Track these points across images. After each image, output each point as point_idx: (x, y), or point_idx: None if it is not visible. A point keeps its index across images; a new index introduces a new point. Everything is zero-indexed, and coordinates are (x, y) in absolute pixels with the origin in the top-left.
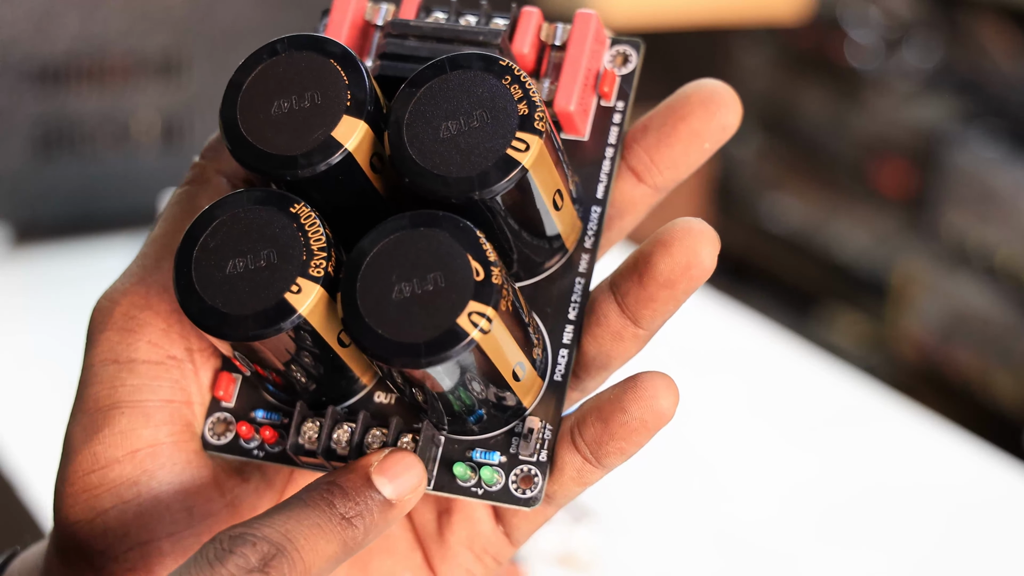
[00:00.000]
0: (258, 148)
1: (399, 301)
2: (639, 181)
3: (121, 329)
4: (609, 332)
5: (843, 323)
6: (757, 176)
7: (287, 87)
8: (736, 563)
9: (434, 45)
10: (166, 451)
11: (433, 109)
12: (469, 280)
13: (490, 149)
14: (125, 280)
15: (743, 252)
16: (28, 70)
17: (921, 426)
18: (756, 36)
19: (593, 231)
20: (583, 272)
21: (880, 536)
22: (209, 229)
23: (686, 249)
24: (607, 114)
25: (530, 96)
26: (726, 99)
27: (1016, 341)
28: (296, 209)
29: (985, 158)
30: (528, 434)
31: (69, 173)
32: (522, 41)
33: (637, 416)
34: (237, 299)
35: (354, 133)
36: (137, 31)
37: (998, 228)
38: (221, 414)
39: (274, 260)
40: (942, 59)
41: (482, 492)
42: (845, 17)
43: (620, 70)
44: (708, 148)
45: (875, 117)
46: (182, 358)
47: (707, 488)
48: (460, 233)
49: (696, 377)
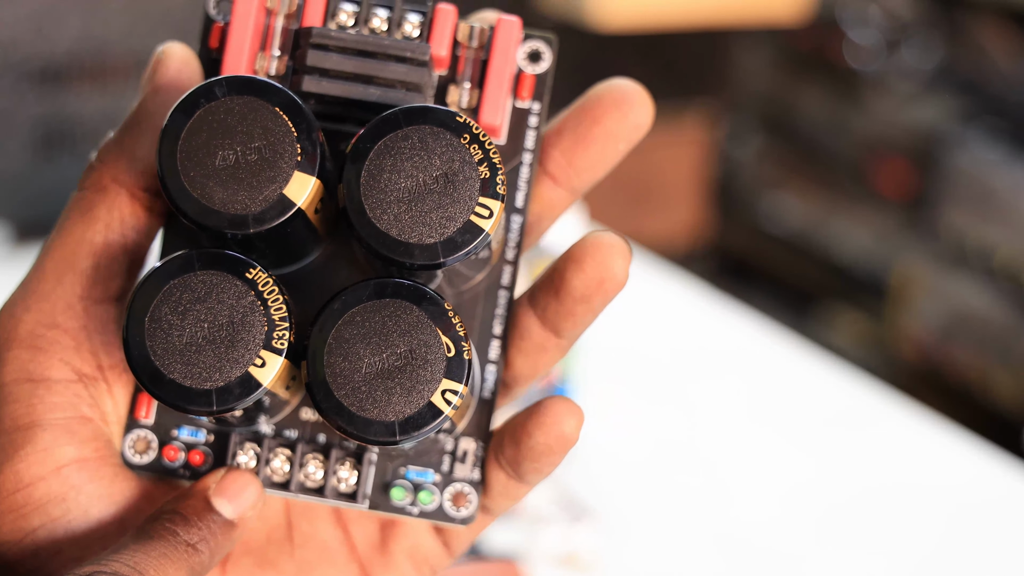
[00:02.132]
0: (203, 204)
1: (370, 376)
2: (556, 184)
3: (30, 347)
4: (533, 345)
5: (843, 323)
6: (757, 176)
7: (230, 135)
8: (737, 563)
9: (359, 60)
10: (91, 466)
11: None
12: (440, 357)
13: (452, 216)
14: (25, 295)
15: (743, 252)
16: (29, 70)
17: (921, 426)
18: (756, 36)
19: (515, 242)
20: (506, 285)
21: (880, 536)
22: (160, 293)
23: (598, 264)
24: (523, 116)
25: (491, 158)
26: (637, 99)
27: (1016, 341)
28: (253, 275)
29: (985, 158)
30: (464, 456)
31: (69, 173)
32: (439, 42)
33: (542, 441)
34: (198, 372)
35: (306, 190)
36: (138, 32)
37: (998, 228)
38: (141, 431)
39: (234, 330)
40: (942, 59)
41: (418, 511)
42: (845, 17)
43: (534, 68)
44: (623, 148)
45: (875, 117)
46: (95, 376)
47: (708, 488)
48: (429, 305)
49: (696, 377)
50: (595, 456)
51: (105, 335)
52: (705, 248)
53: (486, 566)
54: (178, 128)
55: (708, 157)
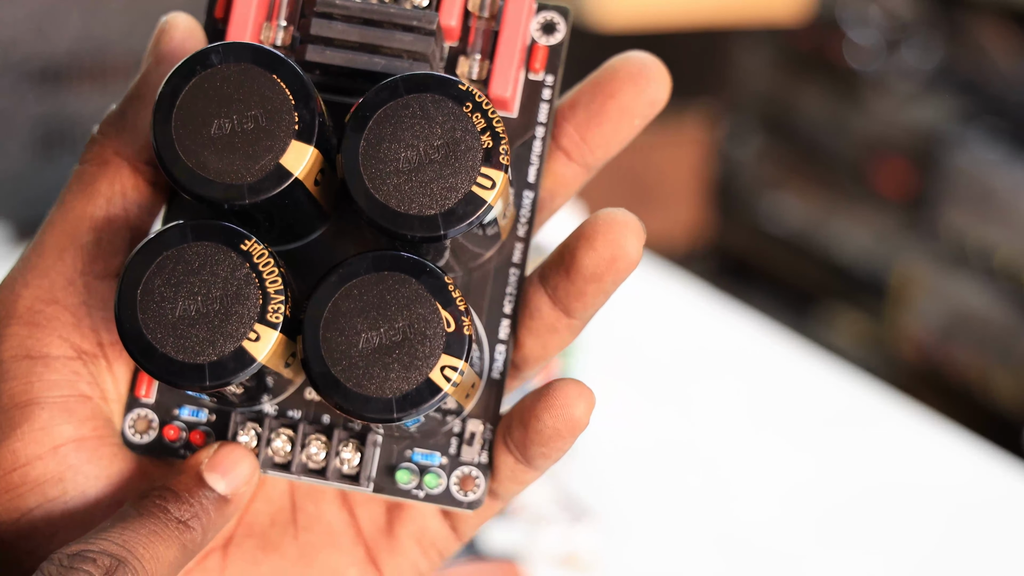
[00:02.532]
0: (199, 174)
1: (367, 351)
2: (569, 160)
3: (28, 323)
4: (543, 325)
5: (843, 323)
6: (757, 176)
7: (226, 104)
8: (737, 563)
9: (364, 28)
10: (90, 445)
11: (390, 137)
12: (440, 332)
13: (454, 185)
14: (25, 271)
15: (743, 252)
16: (29, 70)
17: (921, 426)
18: (756, 36)
19: (526, 219)
20: (517, 263)
21: (880, 536)
22: (153, 265)
23: (610, 242)
24: (536, 89)
25: (494, 127)
26: (654, 73)
27: (1016, 341)
28: (248, 247)
29: (985, 158)
30: (471, 438)
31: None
32: (449, 12)
33: (550, 424)
34: (190, 346)
35: (304, 159)
36: (138, 32)
37: (998, 228)
38: (141, 411)
39: (228, 303)
40: (942, 59)
41: (424, 495)
42: (845, 17)
43: (548, 40)
44: (638, 124)
45: (875, 117)
46: (95, 352)
47: (708, 488)
48: (428, 279)
49: (696, 377)
50: (595, 456)
51: (106, 311)
52: (705, 248)
53: (486, 566)
54: (173, 96)
55: (708, 157)
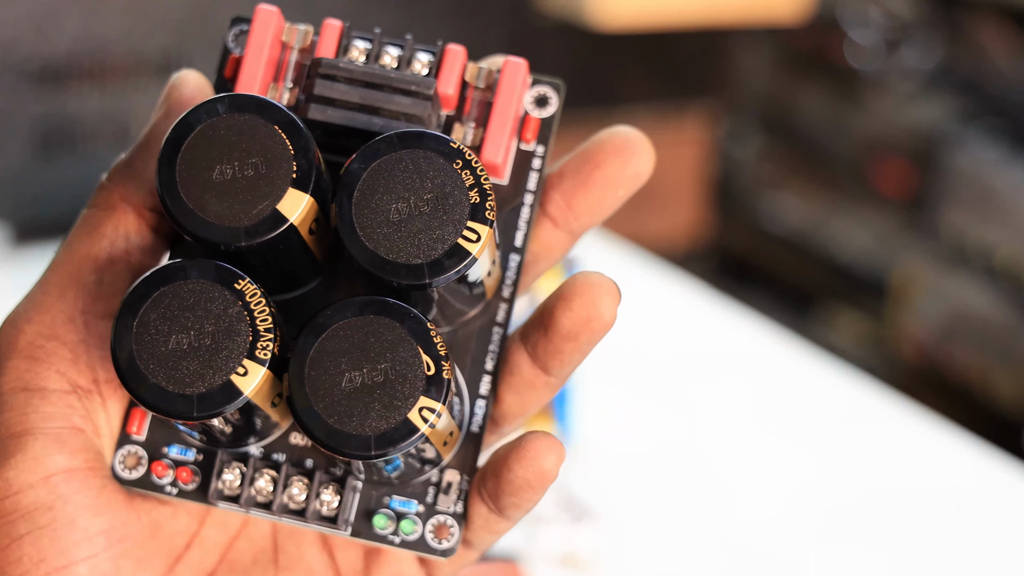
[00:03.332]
0: (198, 215)
1: (349, 390)
2: (555, 227)
3: (28, 357)
4: (523, 381)
5: (843, 323)
6: (757, 176)
7: (229, 151)
8: (737, 563)
9: (365, 90)
10: (80, 476)
11: (382, 188)
12: (420, 374)
13: (440, 237)
14: (28, 307)
15: (743, 252)
16: (28, 70)
17: (921, 426)
18: (756, 36)
19: (511, 280)
20: (500, 322)
21: (880, 536)
22: (149, 300)
23: (586, 304)
24: (527, 158)
25: (481, 184)
26: (638, 147)
27: (1016, 341)
28: (241, 286)
29: (985, 158)
30: (448, 488)
31: (69, 173)
32: (447, 81)
33: (520, 475)
34: (180, 377)
35: (300, 206)
36: (137, 32)
37: (998, 228)
38: (132, 447)
39: (219, 339)
40: (942, 59)
41: (399, 540)
42: (845, 17)
43: (540, 112)
44: (622, 195)
45: (875, 117)
46: (90, 388)
47: (708, 488)
48: (411, 323)
49: (696, 377)
50: (595, 456)
51: (104, 350)
52: (705, 248)
53: (486, 566)
54: (179, 141)
55: (708, 157)
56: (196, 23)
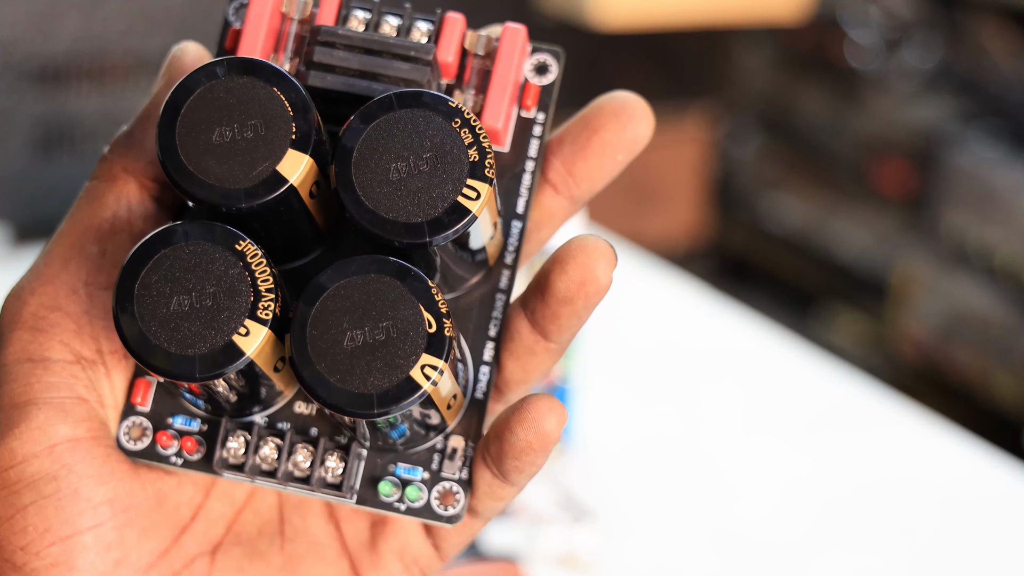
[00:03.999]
0: (199, 177)
1: (351, 349)
2: (556, 193)
3: (32, 328)
4: (523, 347)
5: (843, 323)
6: (757, 176)
7: (228, 114)
8: (737, 563)
9: (364, 56)
10: (84, 445)
11: (381, 148)
12: (422, 332)
13: (440, 195)
14: (32, 278)
15: (743, 252)
16: (28, 70)
17: (921, 426)
18: (756, 36)
19: (514, 247)
20: (503, 288)
21: (881, 536)
22: (150, 263)
23: (580, 266)
24: (527, 125)
25: (480, 142)
26: (637, 111)
27: (1016, 341)
28: (242, 247)
29: (985, 158)
30: (452, 454)
31: (69, 173)
32: (447, 49)
33: (523, 437)
34: (182, 339)
35: (299, 168)
36: (137, 31)
37: (998, 228)
38: (137, 418)
39: (220, 300)
40: (942, 59)
41: (405, 508)
42: (845, 17)
43: (540, 80)
44: (621, 160)
45: (875, 117)
46: (93, 359)
47: (708, 488)
48: (413, 282)
49: (696, 377)
50: (595, 456)
51: (107, 320)
52: (705, 248)
53: (486, 566)
54: (178, 104)
55: (708, 157)
56: (196, 23)
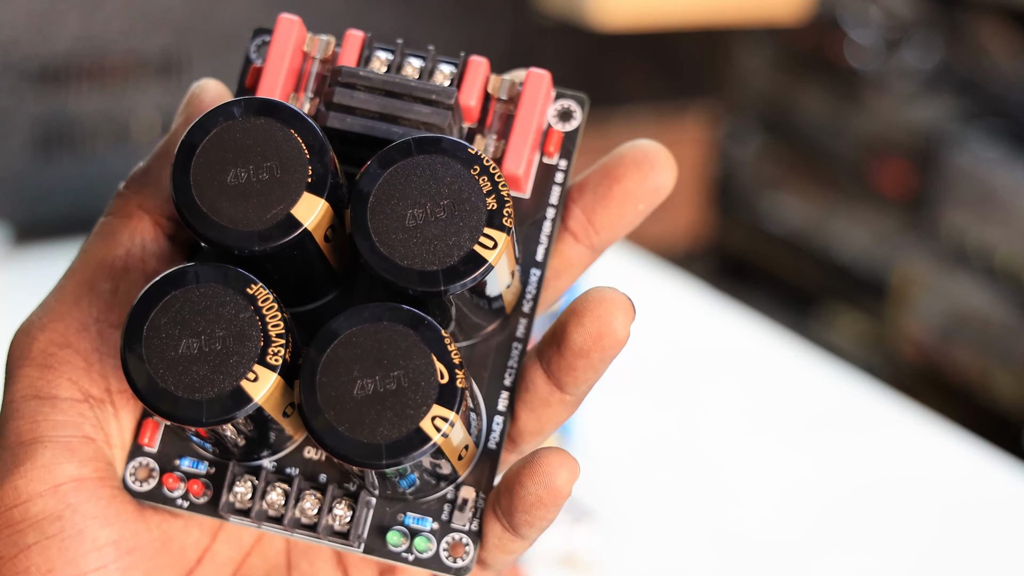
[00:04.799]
0: (211, 218)
1: (361, 398)
2: (576, 241)
3: (41, 365)
4: (538, 398)
5: (843, 323)
6: (757, 176)
7: (244, 155)
8: (737, 563)
9: (384, 99)
10: (90, 486)
11: (398, 194)
12: (433, 383)
13: (457, 244)
14: (43, 314)
15: (743, 252)
16: (28, 70)
17: (921, 426)
18: (756, 36)
19: (532, 295)
20: (520, 337)
21: (880, 536)
22: (160, 304)
23: (597, 319)
24: (549, 172)
25: (499, 190)
26: (659, 160)
27: (1016, 341)
28: (253, 290)
29: (985, 158)
30: (463, 504)
31: (69, 173)
32: (469, 93)
33: (533, 492)
34: (190, 383)
35: (315, 211)
36: (137, 31)
37: (998, 228)
38: (144, 459)
39: (230, 344)
40: (942, 59)
41: (413, 558)
42: (845, 17)
43: (564, 126)
44: (642, 209)
45: (875, 117)
46: (102, 398)
47: (708, 488)
48: (425, 331)
49: (696, 377)
50: (595, 456)
51: (117, 359)
52: (705, 248)
53: None
54: (194, 144)
55: (708, 157)
56: (196, 23)
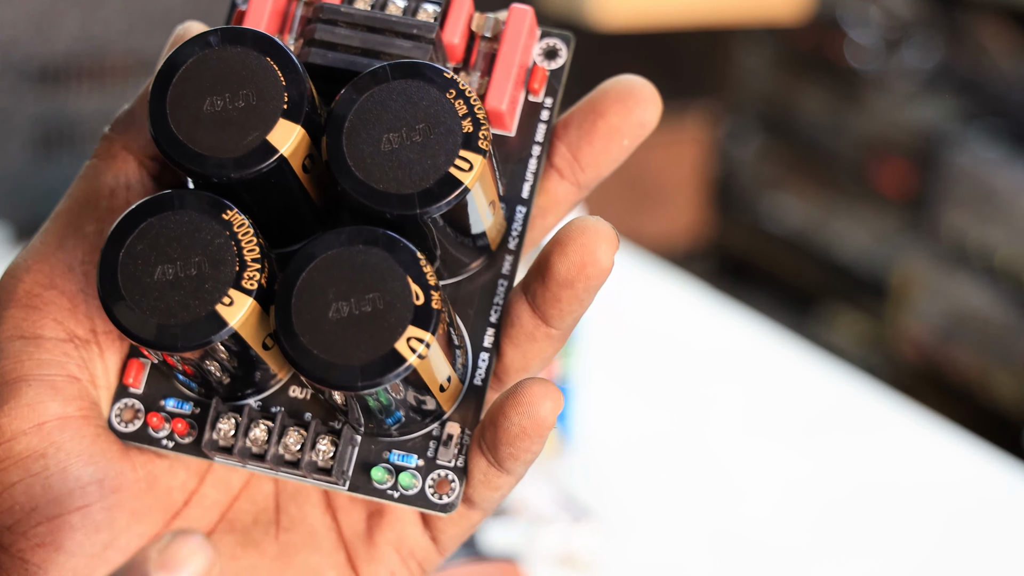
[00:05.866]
0: (188, 147)
1: (336, 321)
2: (561, 178)
3: (25, 306)
4: (523, 333)
5: (843, 323)
6: (757, 176)
7: (220, 83)
8: (737, 563)
9: (366, 34)
10: (74, 424)
11: (374, 119)
12: (409, 304)
13: (432, 166)
14: (27, 257)
15: (743, 252)
16: (28, 70)
17: (921, 426)
18: (756, 36)
19: (517, 232)
20: (505, 274)
21: (880, 536)
22: (136, 231)
23: (580, 248)
24: (535, 110)
25: (475, 113)
26: (643, 95)
27: (1016, 341)
28: (229, 216)
29: (985, 158)
30: (448, 440)
31: (69, 173)
32: (453, 30)
33: (516, 422)
34: (166, 308)
35: (290, 138)
36: (137, 31)
37: (998, 228)
38: (129, 400)
39: (206, 269)
40: (942, 59)
41: (398, 495)
42: (845, 17)
43: (549, 64)
44: (628, 145)
45: (875, 117)
46: (87, 339)
47: (708, 488)
48: (401, 254)
49: (696, 377)
50: (595, 456)
51: None
52: (705, 248)
53: (486, 566)
54: (170, 74)
55: (708, 157)
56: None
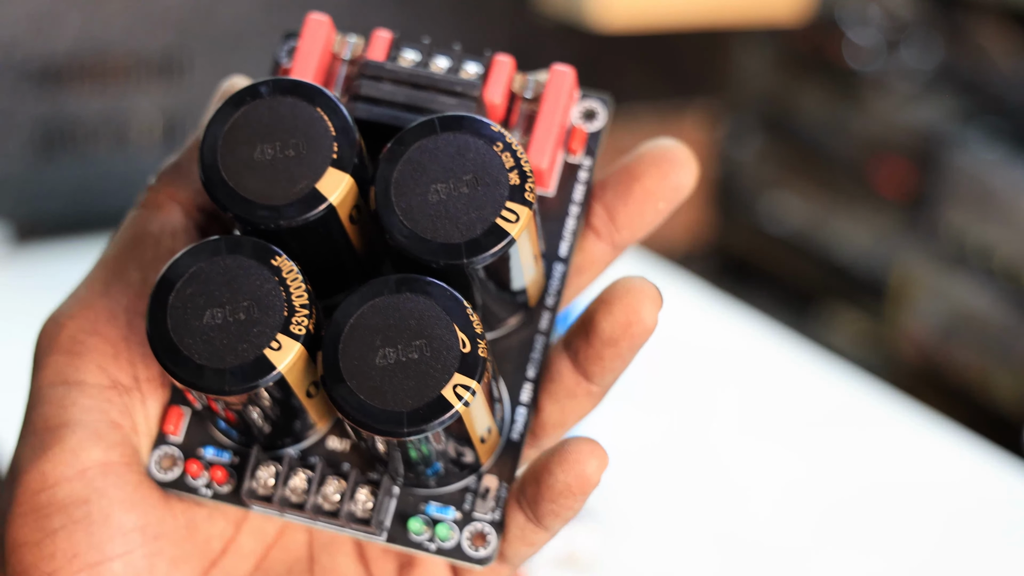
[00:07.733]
0: (238, 193)
1: (382, 367)
2: (598, 238)
3: (69, 352)
4: (564, 389)
5: (843, 323)
6: (757, 176)
7: (271, 132)
8: (737, 563)
9: (410, 91)
10: (117, 471)
11: (422, 170)
12: (455, 351)
13: (479, 217)
14: (72, 303)
15: (743, 252)
16: (29, 70)
17: (921, 426)
18: (756, 36)
19: (555, 289)
20: (543, 330)
21: (881, 536)
22: (186, 275)
23: (625, 307)
24: (573, 170)
25: (521, 166)
26: (679, 159)
27: (1016, 341)
28: (278, 262)
29: (985, 158)
30: (485, 493)
31: (69, 173)
32: (494, 91)
33: (562, 480)
34: (214, 351)
35: (339, 186)
36: (138, 31)
37: (998, 228)
38: (168, 448)
39: (254, 314)
40: (942, 59)
41: (435, 547)
42: (845, 17)
43: (588, 126)
44: (663, 208)
45: (875, 117)
46: (130, 385)
47: (708, 488)
48: (447, 301)
49: (696, 377)
50: None
51: (146, 348)
52: (705, 248)
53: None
54: (222, 122)
55: (708, 157)
56: (196, 23)
